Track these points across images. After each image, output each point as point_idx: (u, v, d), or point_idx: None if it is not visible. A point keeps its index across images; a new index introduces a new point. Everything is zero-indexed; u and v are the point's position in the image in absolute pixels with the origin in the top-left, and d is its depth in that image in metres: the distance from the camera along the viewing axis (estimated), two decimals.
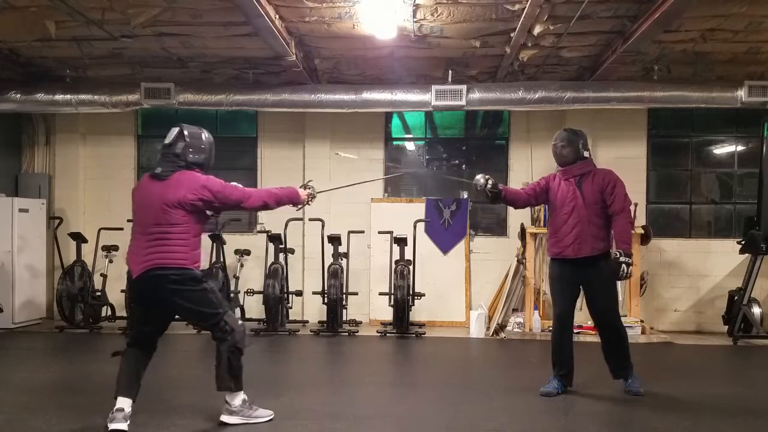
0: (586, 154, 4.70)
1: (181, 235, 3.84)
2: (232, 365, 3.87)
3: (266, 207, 4.22)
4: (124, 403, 3.72)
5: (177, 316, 4.19)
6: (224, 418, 3.93)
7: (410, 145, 9.10)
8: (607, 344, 4.74)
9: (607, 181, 4.57)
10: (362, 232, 8.14)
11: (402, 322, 7.44)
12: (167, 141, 3.92)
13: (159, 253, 3.78)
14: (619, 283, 5.00)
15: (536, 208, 7.96)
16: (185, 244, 3.86)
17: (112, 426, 3.63)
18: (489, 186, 4.65)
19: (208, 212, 4.02)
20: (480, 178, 4.71)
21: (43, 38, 6.47)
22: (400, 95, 7.55)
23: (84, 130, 8.80)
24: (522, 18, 5.65)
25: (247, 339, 4.01)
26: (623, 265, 4.39)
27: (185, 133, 3.93)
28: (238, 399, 3.95)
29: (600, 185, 4.57)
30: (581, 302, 5.21)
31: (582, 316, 7.85)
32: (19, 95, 7.58)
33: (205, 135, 4.03)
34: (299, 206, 4.36)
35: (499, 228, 8.67)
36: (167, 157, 3.90)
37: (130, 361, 3.90)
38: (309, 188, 4.37)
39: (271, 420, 4.02)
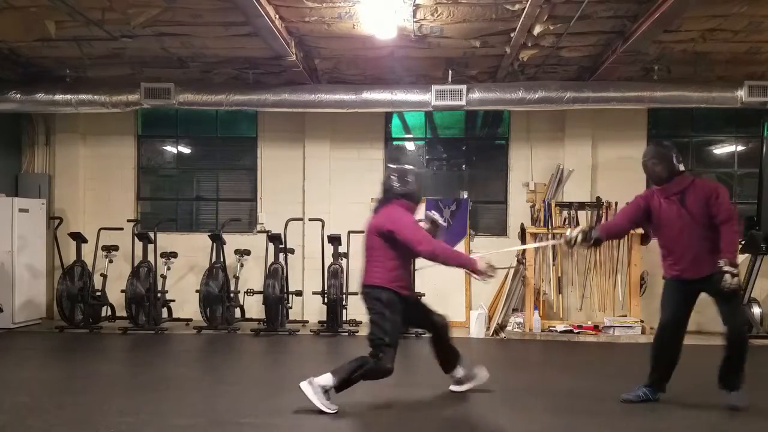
0: (681, 167, 4.38)
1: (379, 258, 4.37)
2: (355, 374, 4.21)
3: (438, 259, 4.35)
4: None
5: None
6: (302, 384, 4.18)
7: (410, 145, 9.10)
8: (725, 350, 4.51)
9: (709, 192, 4.29)
10: (362, 232, 8.10)
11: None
12: (382, 180, 4.58)
13: (366, 271, 4.43)
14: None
15: (536, 208, 7.99)
16: (382, 266, 4.34)
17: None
18: (581, 240, 4.50)
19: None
20: (570, 234, 4.55)
21: (43, 38, 6.47)
22: (400, 95, 7.55)
23: (84, 130, 8.79)
24: (522, 18, 5.65)
25: (379, 378, 4.29)
26: (727, 275, 4.13)
27: (393, 169, 4.59)
28: (324, 381, 4.17)
29: (703, 197, 4.28)
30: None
31: (582, 316, 7.90)
32: (19, 95, 7.58)
33: (411, 171, 4.58)
34: (477, 276, 4.44)
35: (499, 228, 8.66)
36: (382, 195, 4.55)
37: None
38: (489, 265, 4.43)
39: (335, 413, 4.15)
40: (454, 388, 4.76)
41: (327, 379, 4.18)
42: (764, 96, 7.15)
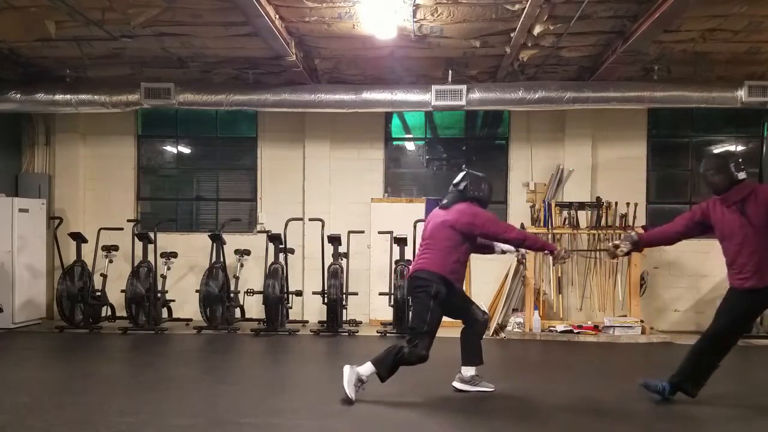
0: (741, 175, 4.33)
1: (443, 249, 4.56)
2: (393, 360, 4.45)
3: (527, 242, 4.69)
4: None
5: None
6: (345, 366, 4.46)
7: (410, 145, 9.10)
8: None
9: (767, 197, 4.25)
10: (362, 232, 8.14)
11: (402, 322, 7.43)
12: (455, 181, 4.77)
13: (422, 259, 4.60)
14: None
15: (536, 208, 7.98)
16: (444, 256, 4.54)
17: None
18: (624, 249, 4.58)
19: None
20: (620, 249, 4.58)
21: (43, 38, 6.47)
22: (400, 95, 7.55)
23: (84, 130, 8.79)
24: (522, 18, 5.65)
25: (416, 363, 4.52)
26: None
27: (470, 174, 4.80)
28: (364, 371, 4.43)
29: (765, 204, 4.23)
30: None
31: (582, 316, 7.90)
32: (19, 95, 7.58)
33: (485, 179, 4.85)
34: (555, 259, 4.89)
35: None
36: (452, 193, 4.73)
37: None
38: (565, 249, 4.87)
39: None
40: (457, 384, 4.80)
41: (367, 368, 4.43)
42: (764, 96, 7.15)
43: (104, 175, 8.82)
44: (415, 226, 7.82)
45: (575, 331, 7.47)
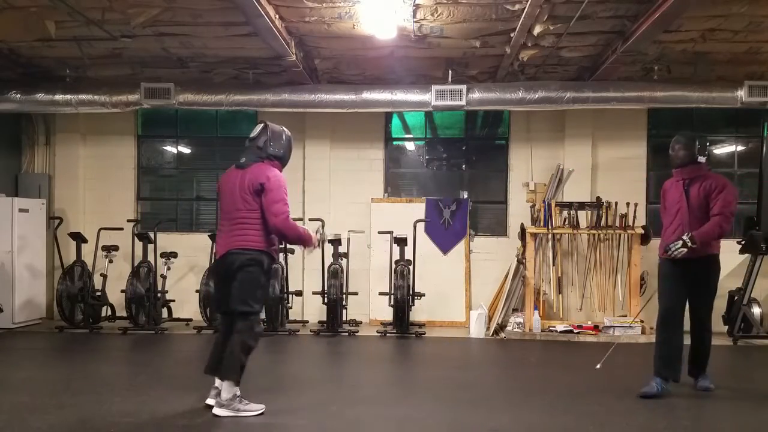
0: (701, 159, 4.68)
1: (257, 219, 4.13)
2: (240, 359, 4.09)
3: (284, 236, 4.28)
4: (218, 381, 4.18)
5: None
6: (216, 411, 4.11)
7: (410, 145, 9.10)
8: (696, 341, 4.78)
9: (714, 186, 4.59)
10: (362, 232, 8.14)
11: (402, 322, 7.44)
12: (252, 135, 4.34)
13: (238, 236, 4.13)
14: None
15: (536, 208, 7.99)
16: (260, 227, 4.14)
17: (207, 401, 4.21)
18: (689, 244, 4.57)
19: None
20: (680, 244, 4.57)
21: (43, 38, 6.47)
22: (400, 95, 7.55)
23: (84, 130, 8.80)
24: (522, 18, 5.65)
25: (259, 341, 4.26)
26: (680, 241, 4.47)
27: (268, 128, 4.33)
28: (231, 393, 4.10)
29: (707, 189, 4.59)
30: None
31: (582, 316, 7.90)
32: (19, 95, 7.58)
33: (286, 132, 4.41)
34: (307, 249, 4.39)
35: (499, 228, 8.67)
36: (250, 149, 4.31)
37: (219, 340, 4.33)
38: (320, 233, 4.51)
39: (262, 414, 4.12)
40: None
41: (226, 391, 4.09)
42: (764, 96, 7.15)
43: (104, 175, 8.82)
44: (415, 226, 7.83)
45: (575, 331, 7.47)
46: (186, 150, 9.15)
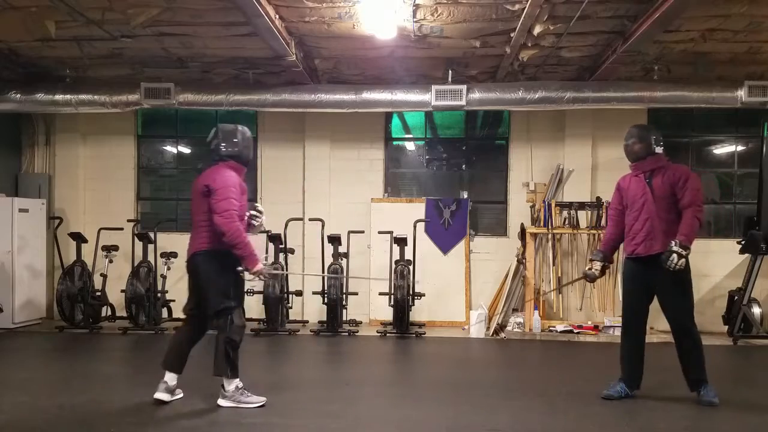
0: (658, 149, 4.56)
1: (208, 221, 4.22)
2: (228, 354, 4.24)
3: (224, 236, 4.18)
4: (169, 376, 4.37)
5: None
6: (219, 401, 4.30)
7: (410, 145, 9.10)
8: (680, 349, 4.54)
9: (678, 176, 4.44)
10: (362, 232, 8.14)
11: (402, 322, 7.44)
12: (207, 139, 4.42)
13: (196, 239, 4.31)
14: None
15: (536, 208, 7.99)
16: (211, 229, 4.22)
17: (155, 395, 4.30)
18: (597, 269, 4.72)
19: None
20: (591, 273, 4.75)
21: (43, 38, 6.47)
22: (400, 95, 7.55)
23: (84, 130, 8.80)
24: (522, 18, 5.65)
25: (243, 335, 4.38)
26: (674, 254, 4.23)
27: (219, 129, 4.40)
28: (233, 385, 4.28)
29: (671, 180, 4.44)
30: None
31: (582, 316, 7.90)
32: (19, 95, 7.58)
33: (240, 130, 4.42)
34: (249, 271, 4.30)
35: (499, 228, 8.67)
36: (210, 154, 4.42)
37: (179, 338, 4.54)
38: (274, 265, 4.51)
39: (263, 406, 4.26)
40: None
41: (228, 383, 4.29)
42: (764, 96, 7.15)
43: (104, 175, 8.82)
44: (415, 226, 7.83)
45: (575, 331, 7.47)
46: (186, 150, 9.15)
